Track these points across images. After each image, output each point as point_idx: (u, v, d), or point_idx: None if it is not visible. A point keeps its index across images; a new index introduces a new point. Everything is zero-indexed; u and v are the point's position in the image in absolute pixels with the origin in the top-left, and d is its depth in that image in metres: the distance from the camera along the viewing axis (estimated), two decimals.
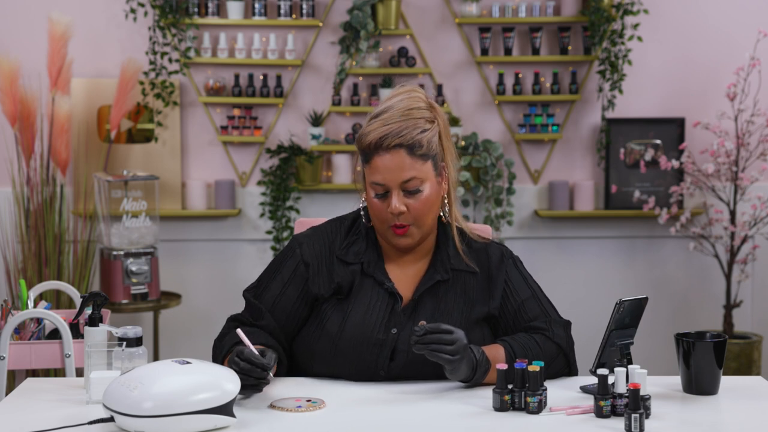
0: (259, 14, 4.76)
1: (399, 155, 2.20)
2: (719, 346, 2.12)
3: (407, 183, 2.20)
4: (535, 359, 2.17)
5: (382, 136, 2.19)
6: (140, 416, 1.83)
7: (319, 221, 2.66)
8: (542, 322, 2.27)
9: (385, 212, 2.22)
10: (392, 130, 2.19)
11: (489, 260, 2.33)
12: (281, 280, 2.31)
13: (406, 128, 2.20)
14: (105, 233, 4.51)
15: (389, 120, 2.21)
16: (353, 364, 2.23)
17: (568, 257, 4.90)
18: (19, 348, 2.87)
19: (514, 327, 2.29)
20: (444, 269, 2.29)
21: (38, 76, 4.63)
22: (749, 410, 2.05)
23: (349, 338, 2.22)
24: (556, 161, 4.91)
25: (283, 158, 4.78)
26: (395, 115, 2.21)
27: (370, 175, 2.23)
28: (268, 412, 2.01)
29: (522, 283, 2.33)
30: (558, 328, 2.27)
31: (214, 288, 4.91)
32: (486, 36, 4.78)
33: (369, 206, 2.26)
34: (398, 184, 2.21)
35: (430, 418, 1.98)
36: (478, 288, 2.30)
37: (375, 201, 2.24)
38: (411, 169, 2.20)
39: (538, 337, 2.24)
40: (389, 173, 2.20)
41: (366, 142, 2.21)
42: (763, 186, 4.75)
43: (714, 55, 4.84)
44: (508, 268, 2.33)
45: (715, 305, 4.85)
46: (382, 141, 2.19)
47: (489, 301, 2.29)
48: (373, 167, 2.22)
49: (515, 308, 2.29)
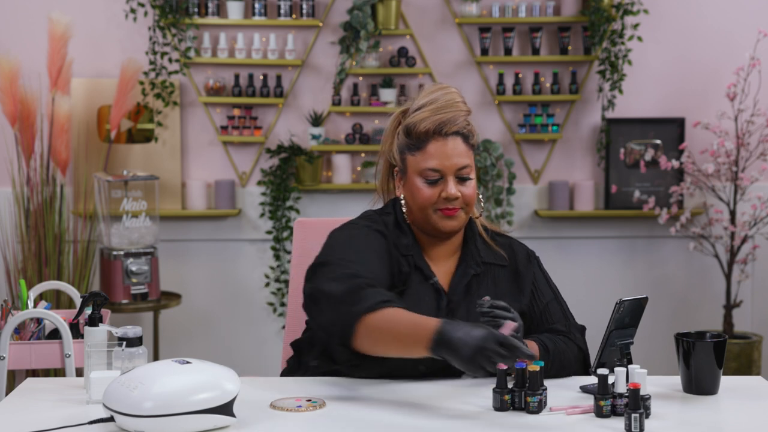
0: (259, 14, 4.76)
1: (456, 142, 2.25)
2: (719, 346, 2.12)
3: (462, 170, 2.25)
4: (563, 354, 2.23)
5: (441, 122, 2.23)
6: (140, 416, 1.83)
7: (320, 221, 2.66)
8: (563, 325, 2.32)
9: (434, 198, 2.24)
10: (448, 117, 2.24)
11: (515, 256, 2.36)
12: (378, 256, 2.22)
13: (458, 118, 2.25)
14: (105, 233, 4.51)
15: (440, 110, 2.24)
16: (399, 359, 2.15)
17: (568, 257, 4.90)
18: (19, 348, 2.87)
19: (537, 328, 2.32)
20: (476, 263, 2.31)
21: (38, 76, 4.63)
22: (749, 410, 2.05)
23: None
24: (556, 161, 4.91)
25: (283, 158, 4.78)
26: (445, 106, 2.25)
27: (422, 162, 2.25)
28: (268, 412, 2.01)
29: (545, 285, 2.37)
30: (577, 332, 2.32)
31: (214, 288, 4.91)
32: (486, 36, 4.78)
33: (414, 193, 2.26)
34: (454, 170, 2.24)
35: (430, 418, 1.98)
36: (506, 281, 2.33)
37: (423, 187, 2.25)
38: (465, 157, 2.25)
39: (563, 338, 2.29)
40: (447, 159, 2.24)
41: (422, 129, 2.24)
42: (763, 186, 4.75)
43: (714, 55, 4.84)
44: (534, 267, 2.37)
45: (715, 305, 4.85)
46: (441, 127, 2.24)
47: (520, 297, 2.32)
48: (428, 153, 2.24)
49: (540, 309, 2.33)
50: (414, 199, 2.27)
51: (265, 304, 4.89)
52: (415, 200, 2.27)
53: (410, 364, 2.17)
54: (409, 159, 2.27)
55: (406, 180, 2.29)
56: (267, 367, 4.81)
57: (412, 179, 2.27)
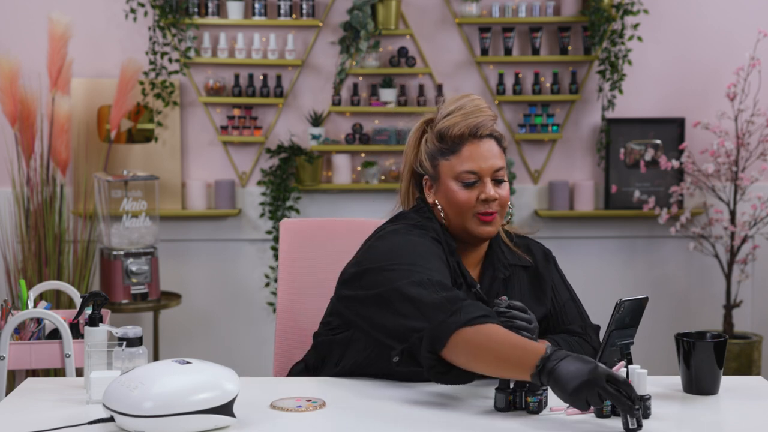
0: (259, 14, 4.76)
1: (490, 144, 2.26)
2: (719, 346, 2.11)
3: (497, 172, 2.25)
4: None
5: (475, 125, 2.23)
6: (140, 416, 1.83)
7: (315, 222, 2.65)
8: (579, 326, 2.32)
9: (472, 201, 2.23)
10: (480, 120, 2.24)
11: (534, 257, 2.37)
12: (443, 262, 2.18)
13: (489, 121, 2.26)
14: (105, 233, 4.51)
15: (471, 114, 2.24)
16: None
17: (568, 257, 4.89)
18: (19, 348, 2.87)
19: (554, 328, 2.32)
20: (503, 266, 2.31)
21: (38, 76, 4.63)
22: (749, 410, 2.05)
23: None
24: (556, 161, 4.91)
25: (283, 158, 4.78)
26: (474, 111, 2.25)
27: (458, 165, 2.23)
28: (268, 412, 2.01)
29: (562, 284, 2.38)
30: (592, 332, 2.33)
31: (214, 288, 4.91)
32: (486, 36, 4.78)
33: (450, 198, 2.24)
34: (490, 172, 2.24)
35: (430, 418, 1.98)
36: (527, 283, 2.33)
37: (460, 191, 2.23)
38: (500, 159, 2.26)
39: (578, 340, 2.29)
40: (484, 161, 2.23)
41: (456, 132, 2.23)
42: (763, 186, 4.75)
43: (714, 55, 4.84)
44: (552, 267, 2.38)
45: (715, 305, 4.85)
46: (476, 130, 2.24)
47: (543, 300, 2.32)
48: (464, 156, 2.24)
49: (557, 309, 2.34)
50: (450, 204, 2.25)
51: (265, 304, 4.89)
52: (451, 205, 2.25)
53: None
54: (443, 164, 2.25)
55: (440, 186, 2.27)
56: (267, 367, 4.81)
57: (447, 184, 2.25)
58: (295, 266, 2.59)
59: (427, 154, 2.28)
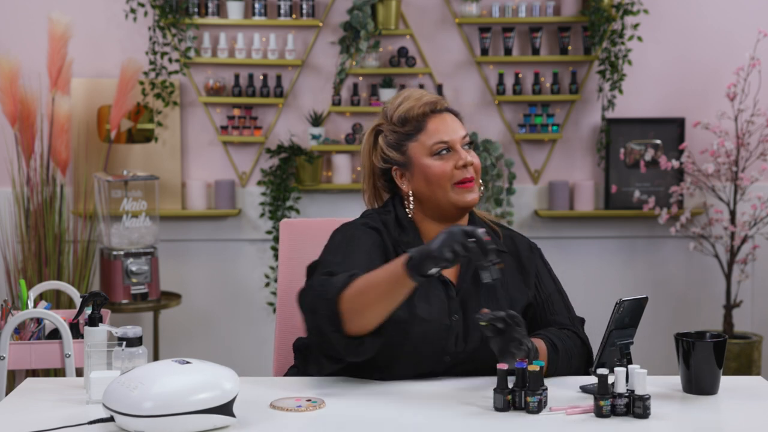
0: (259, 14, 4.76)
1: (451, 116, 2.35)
2: (719, 346, 2.12)
3: (465, 138, 2.33)
4: (569, 351, 2.25)
5: (432, 102, 2.34)
6: (140, 416, 1.83)
7: (315, 222, 2.67)
8: (565, 318, 2.34)
9: (450, 169, 2.29)
10: (435, 99, 2.35)
11: (517, 248, 2.39)
12: (365, 251, 2.26)
13: (442, 100, 2.36)
14: (105, 233, 4.51)
15: (423, 96, 2.35)
16: (421, 352, 2.22)
17: (568, 257, 4.90)
18: (19, 348, 2.87)
19: (540, 320, 2.34)
20: None
21: (38, 76, 4.63)
22: (749, 410, 2.05)
23: (420, 324, 2.20)
24: (556, 161, 4.91)
25: (283, 158, 4.78)
26: (424, 95, 2.35)
27: (428, 140, 2.31)
28: (268, 411, 2.01)
29: (548, 276, 2.40)
30: (579, 324, 2.35)
31: (214, 288, 4.91)
32: (486, 36, 4.78)
33: (428, 174, 2.30)
34: (460, 140, 2.32)
35: (430, 418, 1.98)
36: (511, 271, 2.35)
37: (435, 164, 2.30)
38: (464, 129, 2.35)
39: (567, 332, 2.30)
40: (452, 131, 2.32)
41: (418, 111, 2.32)
42: (763, 186, 4.75)
43: (714, 55, 4.84)
44: (537, 259, 2.40)
45: (715, 305, 4.85)
46: (434, 106, 2.34)
47: (526, 290, 2.35)
48: (431, 130, 2.32)
49: (543, 301, 2.36)
50: (429, 180, 2.30)
51: (265, 304, 4.89)
52: (430, 182, 2.30)
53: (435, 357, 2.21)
54: (412, 146, 2.32)
55: (413, 169, 2.32)
56: (267, 367, 4.80)
57: (421, 163, 2.31)
58: (295, 266, 2.59)
59: (390, 146, 2.35)
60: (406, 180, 2.34)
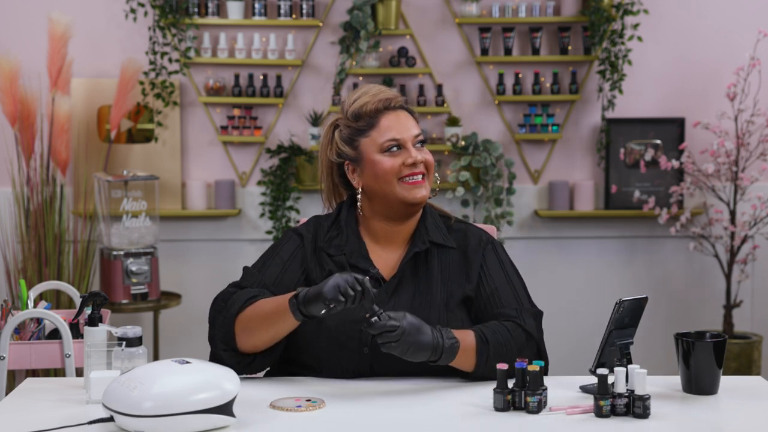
0: (259, 14, 4.76)
1: (404, 114, 2.36)
2: (719, 346, 2.12)
3: (417, 137, 2.34)
4: (505, 345, 2.19)
5: (387, 98, 2.35)
6: (140, 416, 1.83)
7: None
8: (513, 309, 2.29)
9: (398, 165, 2.31)
10: (391, 96, 2.36)
11: (467, 242, 2.38)
12: (281, 260, 2.35)
13: (399, 97, 2.38)
14: (105, 233, 4.51)
15: (380, 93, 2.36)
16: (337, 344, 2.25)
17: (568, 257, 4.90)
18: (19, 348, 2.87)
19: (486, 312, 2.31)
20: (422, 241, 2.35)
21: (38, 76, 4.63)
22: (749, 410, 2.05)
23: (333, 317, 2.21)
24: (556, 161, 4.91)
25: (283, 158, 4.78)
26: (381, 91, 2.36)
27: (379, 137, 2.32)
28: (268, 411, 2.01)
29: (498, 269, 2.35)
30: (528, 317, 2.28)
31: (214, 288, 4.88)
32: (486, 36, 4.78)
33: (376, 170, 2.31)
34: (411, 138, 2.33)
35: (430, 418, 1.98)
36: (454, 267, 2.34)
37: (384, 160, 2.32)
38: (417, 127, 2.36)
39: (509, 324, 2.25)
40: (405, 129, 2.34)
41: (372, 108, 2.34)
42: (763, 186, 4.75)
43: (714, 55, 4.84)
44: (486, 252, 2.37)
45: (715, 305, 4.85)
46: (389, 103, 2.35)
47: (465, 284, 2.33)
48: (383, 127, 2.33)
49: (488, 293, 2.32)
50: (377, 177, 2.32)
51: None
52: (378, 178, 2.32)
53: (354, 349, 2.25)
54: (364, 142, 2.34)
55: (364, 165, 2.34)
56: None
57: (371, 158, 2.33)
58: None
59: (344, 140, 2.37)
60: (357, 175, 2.36)
